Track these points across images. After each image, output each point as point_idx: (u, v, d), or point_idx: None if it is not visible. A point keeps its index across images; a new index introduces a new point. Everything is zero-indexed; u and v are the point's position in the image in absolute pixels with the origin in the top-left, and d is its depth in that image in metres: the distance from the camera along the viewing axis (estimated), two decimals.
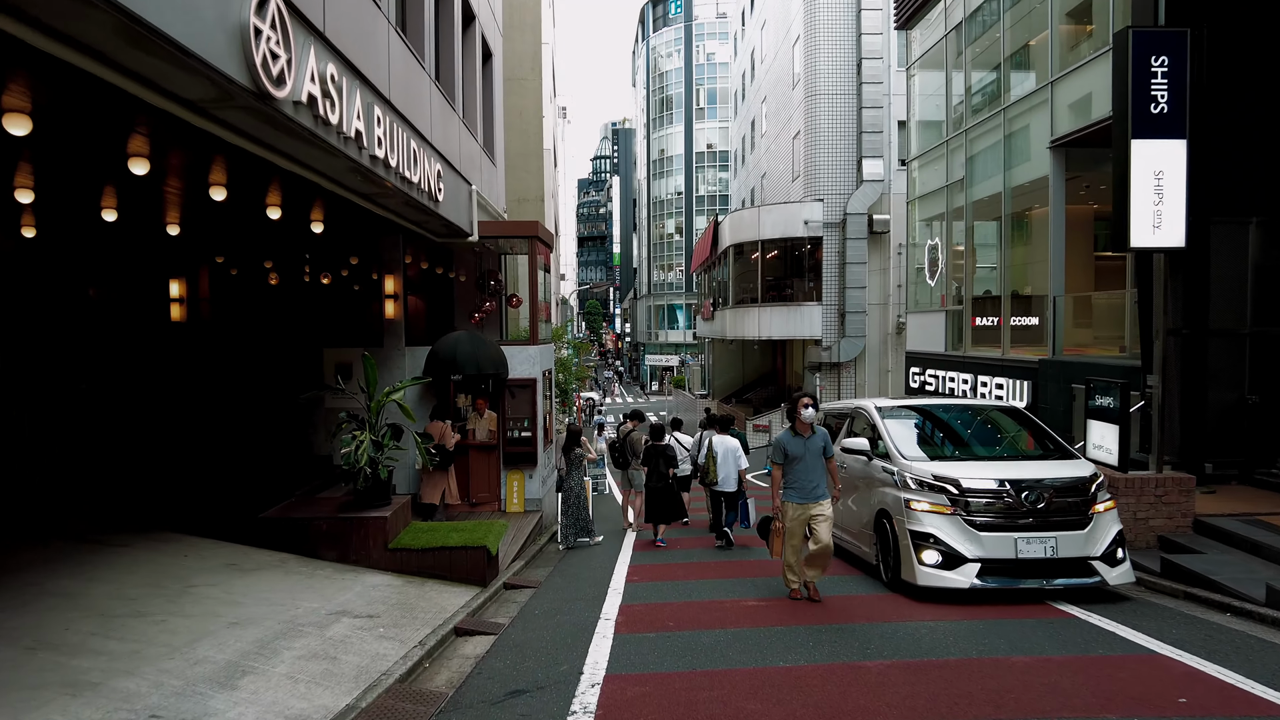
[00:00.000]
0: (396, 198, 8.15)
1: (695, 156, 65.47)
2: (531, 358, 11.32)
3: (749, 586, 7.52)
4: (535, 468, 11.35)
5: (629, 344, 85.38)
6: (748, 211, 30.11)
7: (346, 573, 7.39)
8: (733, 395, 36.60)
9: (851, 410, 9.03)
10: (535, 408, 11.30)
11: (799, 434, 6.68)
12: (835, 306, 27.92)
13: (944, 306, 18.81)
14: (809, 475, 6.60)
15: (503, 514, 11.26)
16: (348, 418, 7.86)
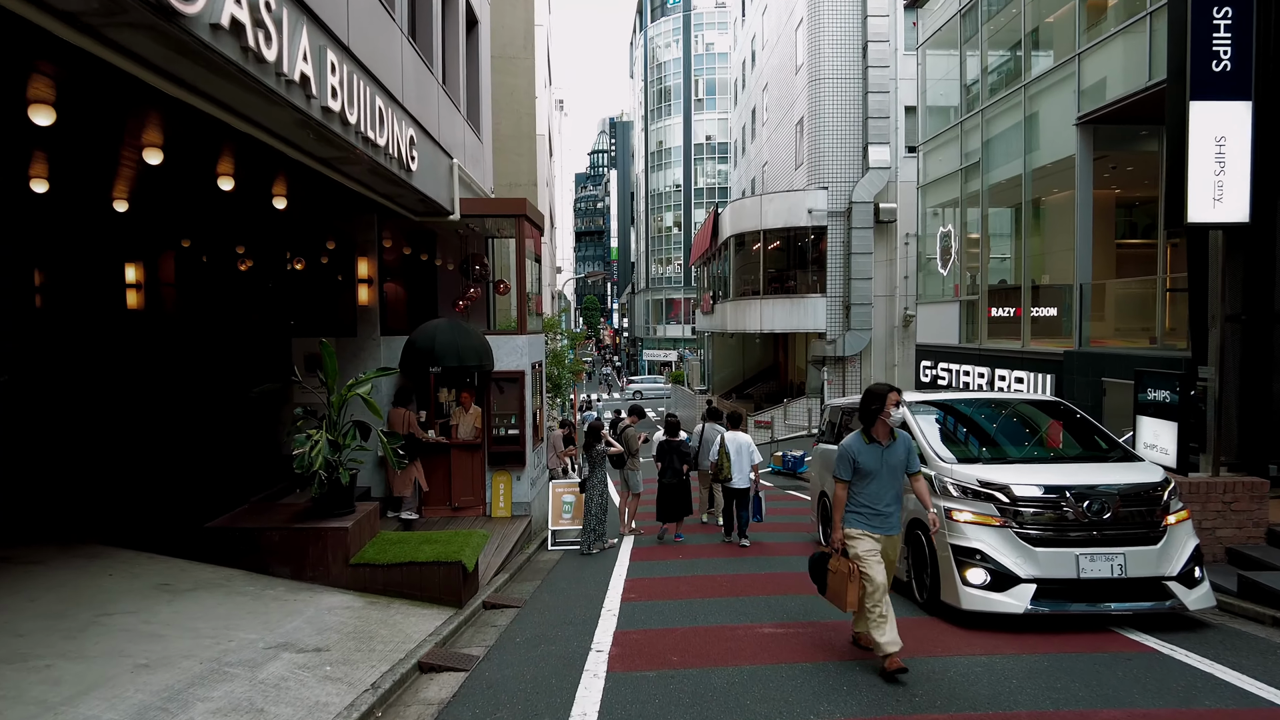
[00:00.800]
0: (361, 164, 7.17)
1: (694, 148, 64.39)
2: (519, 348, 10.35)
3: (762, 608, 6.57)
4: (523, 468, 10.39)
5: (627, 339, 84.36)
6: (749, 200, 29.13)
7: (300, 592, 6.43)
8: (733, 390, 35.64)
9: None
10: (523, 403, 10.33)
11: (875, 441, 5.05)
12: (840, 298, 26.95)
13: (958, 297, 17.86)
14: (883, 496, 5.00)
15: (488, 519, 10.30)
16: (304, 414, 6.89)
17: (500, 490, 10.34)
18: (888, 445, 5.03)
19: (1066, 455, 6.66)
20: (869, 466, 5.00)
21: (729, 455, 9.73)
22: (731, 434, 10.04)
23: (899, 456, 5.05)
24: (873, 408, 5.06)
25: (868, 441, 5.06)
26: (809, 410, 26.97)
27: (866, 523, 5.02)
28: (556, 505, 10.23)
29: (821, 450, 9.74)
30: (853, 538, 5.02)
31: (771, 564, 8.61)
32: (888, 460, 5.00)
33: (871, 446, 5.05)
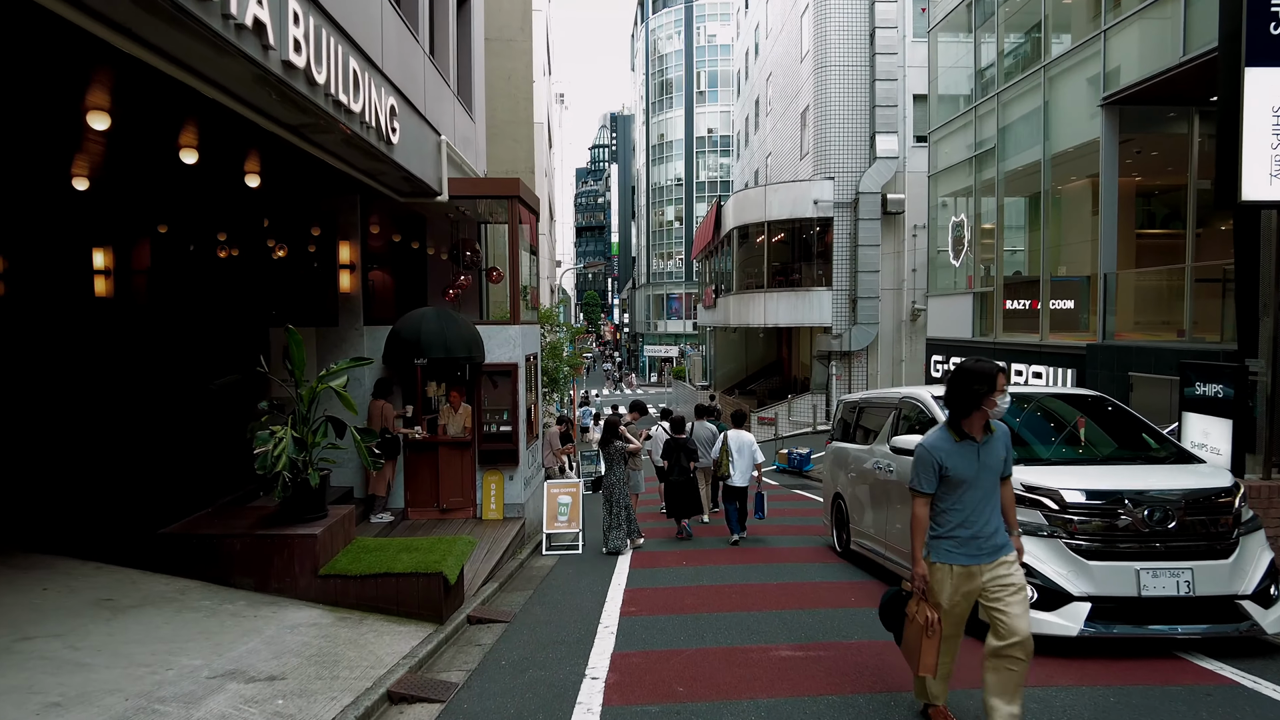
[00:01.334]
0: (333, 132, 6.49)
1: (696, 141, 63.65)
2: (512, 339, 9.68)
3: (776, 625, 5.90)
4: (516, 467, 9.72)
5: (627, 335, 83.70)
6: (753, 191, 28.42)
7: (263, 607, 5.77)
8: (735, 386, 34.98)
9: (896, 401, 7.40)
10: (516, 398, 9.66)
11: (968, 437, 3.72)
12: (846, 292, 26.26)
13: (971, 289, 17.18)
14: (981, 511, 3.67)
15: (478, 521, 9.64)
16: (270, 408, 6.22)
17: (491, 491, 9.68)
18: (984, 442, 3.73)
19: (1116, 456, 5.99)
20: (962, 473, 3.67)
21: (730, 453, 9.53)
22: (735, 432, 9.80)
23: (998, 455, 3.75)
24: (975, 389, 3.64)
25: (958, 439, 3.72)
26: (814, 407, 26.30)
27: (959, 551, 3.67)
28: (552, 507, 9.58)
29: (834, 450, 9.08)
30: (939, 574, 3.71)
31: (782, 572, 7.95)
32: (986, 462, 3.71)
33: (964, 446, 3.70)
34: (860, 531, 7.90)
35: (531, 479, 10.44)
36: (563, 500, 9.61)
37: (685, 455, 10.00)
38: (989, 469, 3.70)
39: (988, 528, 3.67)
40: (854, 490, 8.14)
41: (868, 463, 7.67)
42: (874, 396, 8.44)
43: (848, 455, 8.45)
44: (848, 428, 8.96)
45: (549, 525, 9.54)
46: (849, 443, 8.64)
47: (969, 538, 3.66)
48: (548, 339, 14.14)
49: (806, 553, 9.01)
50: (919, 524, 3.79)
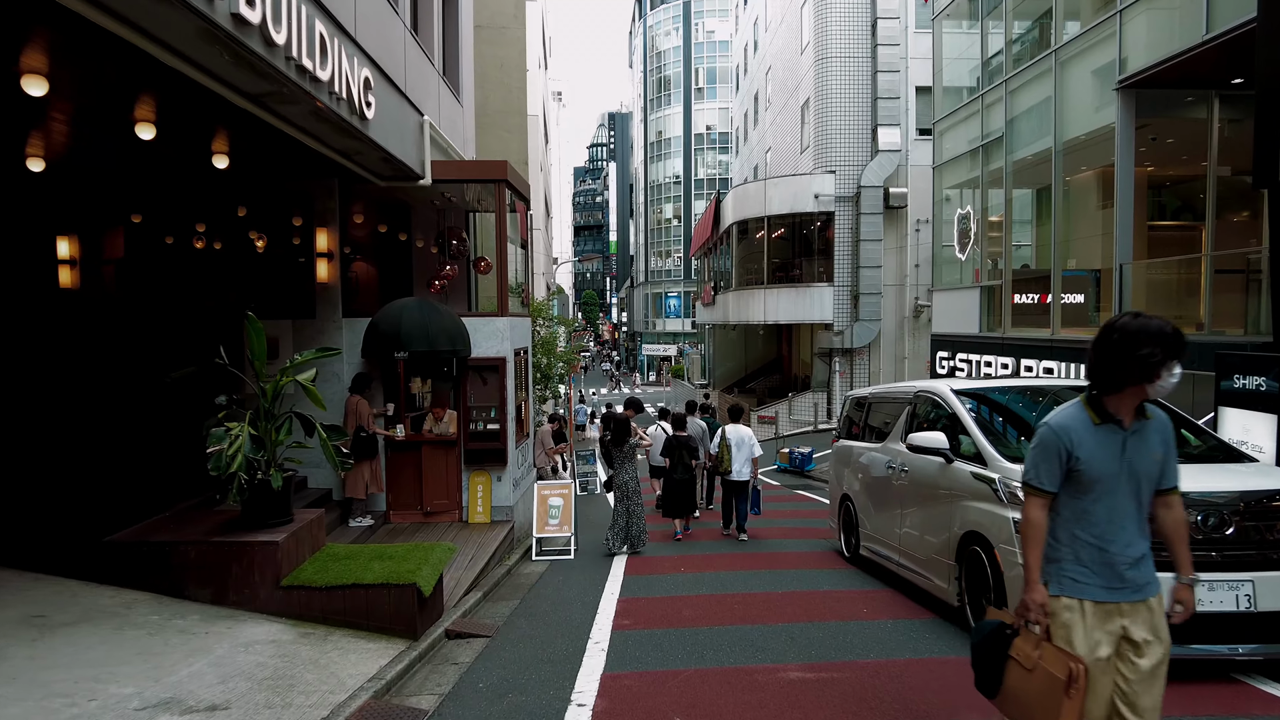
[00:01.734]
0: (299, 103, 5.96)
1: (694, 138, 63.12)
2: (499, 332, 9.14)
3: (784, 640, 5.37)
4: (505, 468, 9.18)
5: (626, 334, 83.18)
6: (753, 185, 27.90)
7: (217, 622, 5.23)
8: (735, 385, 34.47)
9: (911, 396, 6.86)
10: (505, 394, 9.12)
11: (1113, 419, 2.68)
12: (848, 288, 25.74)
13: (978, 283, 16.66)
14: (1121, 525, 2.68)
15: (464, 525, 9.10)
16: (228, 402, 5.67)
17: (478, 493, 9.14)
18: (1132, 430, 2.68)
19: None
20: (1098, 468, 2.65)
21: (730, 448, 9.57)
22: (733, 427, 9.87)
23: (1151, 452, 2.70)
24: (1144, 355, 2.58)
25: (1099, 421, 2.69)
26: (815, 405, 25.78)
27: (1093, 581, 2.67)
28: (542, 510, 9.04)
29: (841, 449, 8.55)
30: (1065, 613, 2.68)
31: (787, 579, 7.41)
32: (1133, 458, 2.67)
33: (1106, 432, 2.68)
34: (870, 536, 7.37)
35: (521, 480, 9.90)
36: (554, 502, 9.07)
37: (688, 453, 9.75)
38: (1137, 468, 2.67)
39: (1129, 551, 2.64)
40: (863, 492, 7.61)
41: (879, 463, 7.14)
42: (885, 391, 7.91)
43: (856, 455, 7.92)
44: (855, 425, 8.44)
45: (539, 529, 9.00)
46: (857, 441, 8.10)
47: (1100, 562, 2.65)
48: (541, 333, 13.59)
49: (812, 558, 8.48)
50: (1034, 532, 2.75)
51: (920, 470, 6.15)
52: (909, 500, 6.40)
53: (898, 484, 6.62)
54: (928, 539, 5.99)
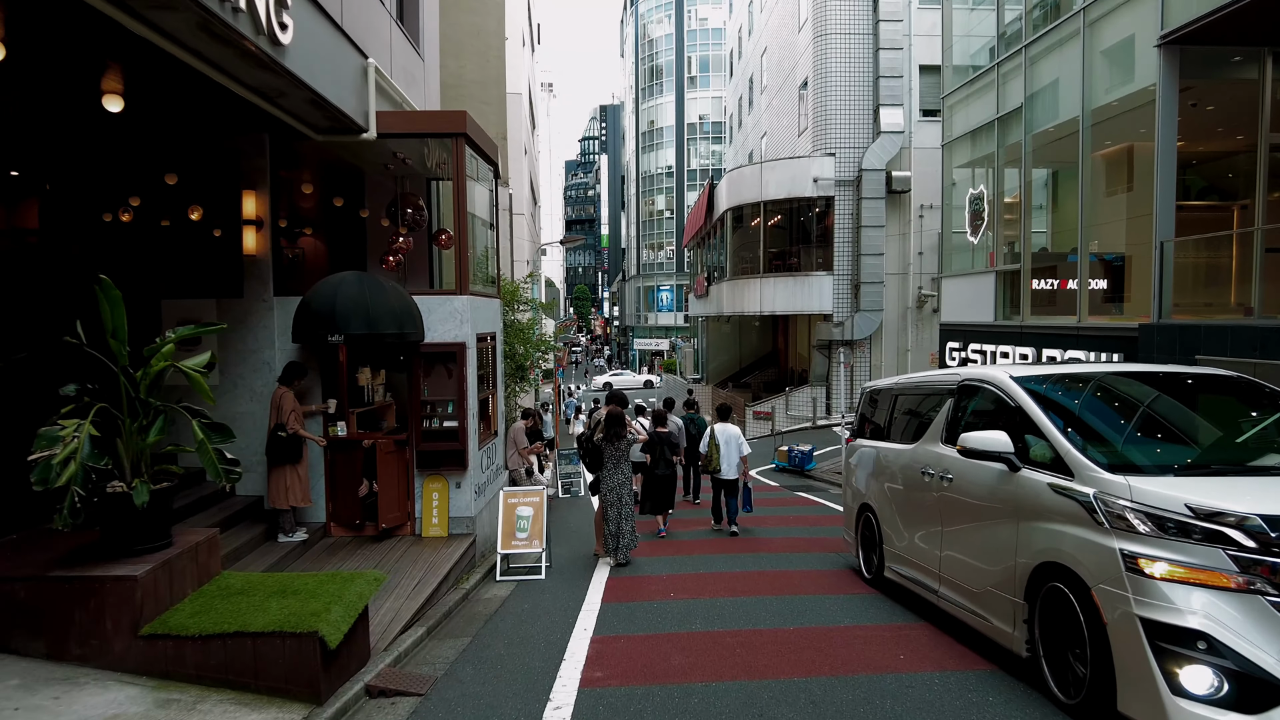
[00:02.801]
0: (178, 8, 4.60)
1: (687, 128, 61.76)
2: (458, 313, 7.81)
3: (804, 707, 4.07)
4: (465, 473, 7.86)
5: (617, 328, 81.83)
6: (749, 169, 26.59)
7: (46, 688, 3.90)
8: (729, 379, 33.20)
9: (955, 386, 5.55)
10: (464, 386, 7.80)
11: None
12: (848, 277, 24.49)
13: (993, 267, 15.40)
14: None
15: (417, 539, 7.78)
16: (78, 393, 4.33)
17: (434, 501, 7.82)
18: None
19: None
20: None
21: (719, 446, 9.51)
22: (721, 425, 9.75)
23: None
24: None
25: None
26: (814, 400, 24.53)
27: None
28: (509, 521, 7.73)
29: (859, 450, 7.27)
30: None
31: (797, 608, 6.12)
32: None
33: None
34: (899, 556, 6.09)
35: (487, 486, 8.58)
36: (522, 512, 7.76)
37: (669, 449, 9.39)
38: None
39: None
40: (889, 502, 6.33)
41: (911, 468, 5.85)
42: (914, 382, 6.61)
43: (881, 458, 6.63)
44: (874, 422, 7.16)
45: (504, 544, 7.68)
46: (880, 440, 6.82)
47: None
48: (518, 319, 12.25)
49: (826, 578, 7.19)
50: None
51: (970, 479, 4.86)
52: (954, 516, 5.12)
53: (938, 495, 5.34)
54: (982, 567, 4.70)
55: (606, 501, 7.96)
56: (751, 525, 10.30)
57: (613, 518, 7.92)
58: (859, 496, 7.07)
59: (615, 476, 7.94)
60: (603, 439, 8.00)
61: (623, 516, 7.94)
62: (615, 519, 7.93)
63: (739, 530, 9.55)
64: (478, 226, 9.00)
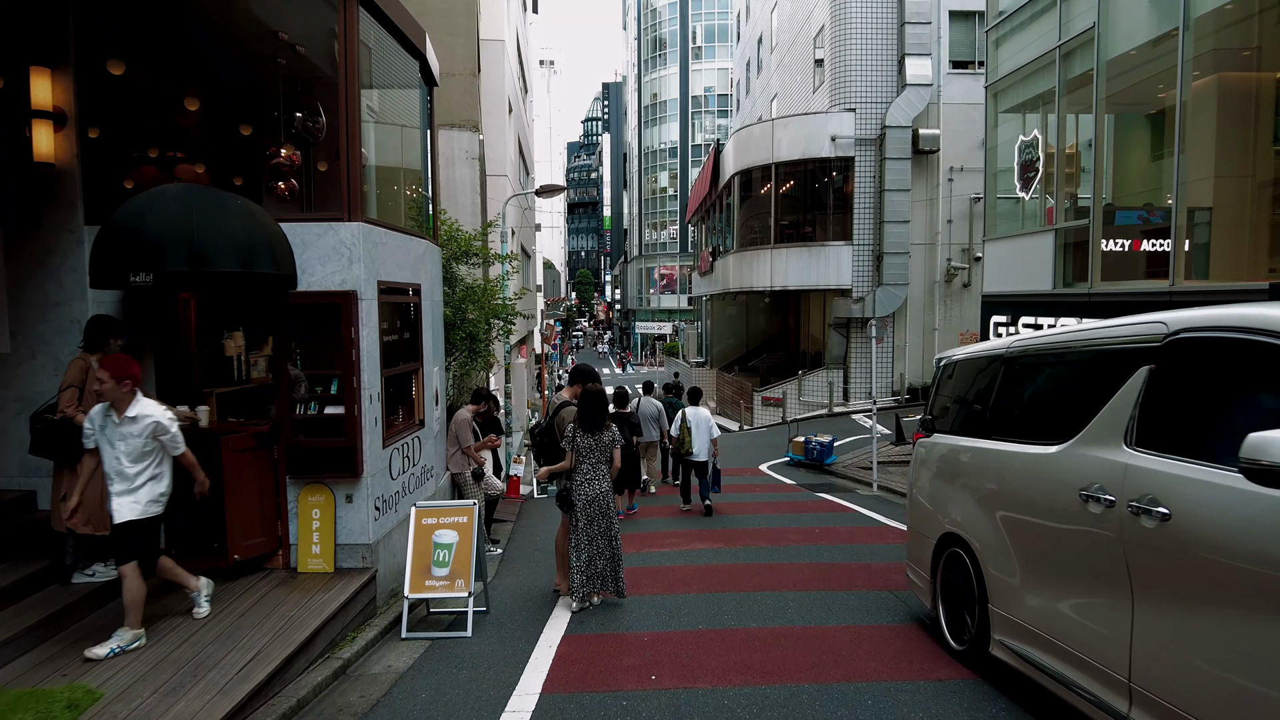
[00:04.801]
0: None
1: (691, 101, 58.94)
2: (344, 249, 5.35)
3: None
4: (357, 481, 5.44)
5: (619, 312, 79.31)
6: (757, 127, 23.99)
7: None
8: (735, 363, 30.75)
9: (1161, 341, 3.09)
10: (354, 353, 5.36)
11: None
12: (869, 247, 21.97)
13: (1051, 225, 12.90)
14: None
15: (290, 575, 5.39)
16: None
17: (313, 522, 5.41)
18: None
19: None
20: None
21: (690, 429, 9.58)
22: (693, 409, 9.83)
23: None
24: None
25: None
26: (830, 384, 22.07)
27: None
28: (422, 550, 5.34)
29: (939, 451, 4.84)
30: None
31: (851, 706, 3.71)
32: None
33: None
34: (1023, 627, 3.67)
35: (400, 499, 6.16)
36: (442, 538, 5.37)
37: (629, 429, 9.51)
38: None
39: None
40: (1006, 538, 3.90)
41: (1057, 486, 3.42)
42: (1063, 340, 4.10)
43: (984, 465, 4.21)
44: (962, 408, 4.73)
45: (414, 585, 5.29)
46: (978, 438, 4.38)
47: None
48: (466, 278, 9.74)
49: (883, 644, 4.77)
50: None
51: (1229, 522, 2.44)
52: (1177, 582, 2.70)
53: (1128, 539, 2.91)
54: (1254, 688, 2.29)
55: (578, 519, 5.60)
56: (768, 543, 7.92)
57: (583, 543, 5.57)
58: (937, 521, 4.65)
59: (593, 484, 5.59)
60: (576, 431, 5.62)
61: (598, 543, 5.61)
62: (587, 545, 5.58)
63: (710, 503, 9.57)
64: (392, 143, 6.55)
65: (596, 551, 5.64)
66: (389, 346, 5.88)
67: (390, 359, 5.90)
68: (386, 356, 5.78)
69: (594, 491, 5.60)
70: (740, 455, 16.89)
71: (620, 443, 5.73)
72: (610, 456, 5.69)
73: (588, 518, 5.61)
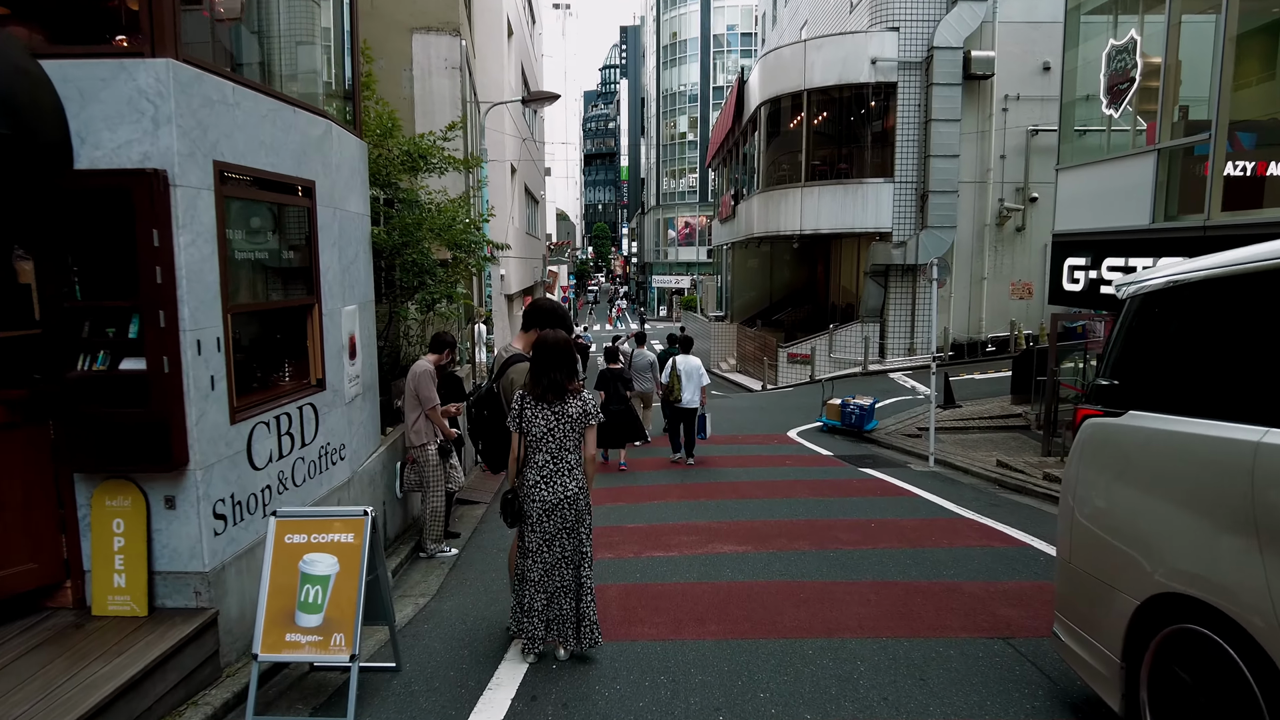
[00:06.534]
0: None
1: (713, 40, 55.58)
2: (145, 100, 3.28)
3: None
4: (181, 473, 3.46)
5: (635, 266, 76.83)
6: (788, 49, 21.39)
7: None
8: (757, 317, 28.54)
9: None
10: (166, 271, 3.33)
11: None
12: (913, 184, 19.55)
13: (1152, 145, 10.54)
14: None
15: (81, 617, 3.46)
16: None
17: (115, 539, 3.46)
18: None
19: None
20: None
21: (680, 377, 9.54)
22: (683, 358, 9.76)
23: None
24: None
25: None
26: (865, 339, 19.87)
27: None
28: (282, 585, 3.39)
29: (1145, 443, 2.75)
30: None
31: None
32: None
33: None
34: None
35: (262, 500, 4.17)
36: (313, 566, 3.41)
37: (622, 385, 9.59)
38: None
39: None
40: None
41: None
42: None
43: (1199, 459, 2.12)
44: (1213, 368, 2.63)
45: (269, 641, 3.34)
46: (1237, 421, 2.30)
47: None
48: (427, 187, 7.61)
49: None
50: None
51: None
52: None
53: None
54: None
55: (530, 538, 3.65)
56: (812, 545, 5.93)
57: (537, 574, 3.66)
58: (1141, 570, 2.61)
59: (554, 484, 3.65)
60: (525, 401, 3.62)
61: (560, 574, 3.70)
62: (543, 578, 3.65)
63: (694, 460, 9.63)
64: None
65: (559, 587, 3.68)
66: (251, 269, 3.86)
67: (252, 289, 3.87)
68: (245, 283, 3.76)
69: (555, 496, 3.61)
70: (764, 419, 14.85)
71: (598, 419, 3.71)
72: (582, 439, 3.68)
73: (544, 536, 3.63)
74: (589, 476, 3.77)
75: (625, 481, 8.87)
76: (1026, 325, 20.35)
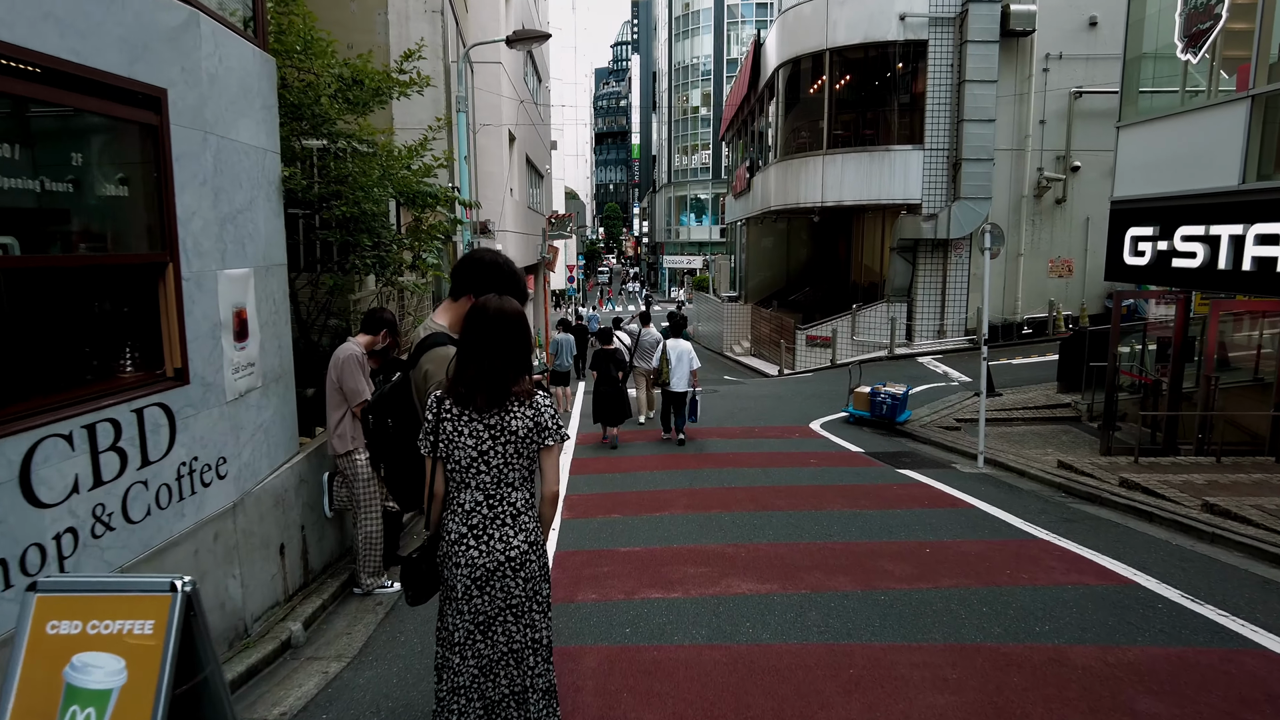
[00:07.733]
0: None
1: (726, 10, 53.61)
2: None
3: None
4: None
5: (647, 246, 75.19)
6: (808, 5, 19.74)
7: None
8: (773, 297, 27.08)
9: None
10: None
11: None
12: (944, 152, 17.99)
13: (1245, 90, 9.01)
14: None
15: None
16: None
17: None
18: None
19: None
20: None
21: (670, 361, 9.63)
22: (673, 341, 9.87)
23: None
24: None
25: None
26: (892, 320, 18.39)
27: None
28: (29, 709, 2.07)
29: None
30: None
31: None
32: None
33: None
34: None
35: (48, 554, 2.87)
36: (83, 675, 2.10)
37: (614, 365, 9.86)
38: None
39: None
40: None
41: None
42: None
43: None
44: None
45: None
46: None
47: None
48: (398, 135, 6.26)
49: None
50: None
51: None
52: None
53: None
54: None
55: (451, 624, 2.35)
56: (857, 584, 4.61)
57: (460, 682, 2.43)
58: None
59: (489, 538, 2.36)
60: (446, 406, 2.28)
61: (494, 681, 2.42)
62: (472, 683, 2.42)
63: (684, 437, 9.74)
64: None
65: (505, 695, 2.38)
66: (37, 206, 2.55)
67: (40, 237, 2.56)
68: (19, 226, 2.45)
69: (490, 558, 2.30)
70: (783, 408, 13.48)
71: (561, 437, 2.37)
72: (535, 469, 2.37)
73: (476, 619, 2.33)
74: (546, 524, 2.45)
75: (621, 486, 7.57)
76: (1066, 306, 18.84)
